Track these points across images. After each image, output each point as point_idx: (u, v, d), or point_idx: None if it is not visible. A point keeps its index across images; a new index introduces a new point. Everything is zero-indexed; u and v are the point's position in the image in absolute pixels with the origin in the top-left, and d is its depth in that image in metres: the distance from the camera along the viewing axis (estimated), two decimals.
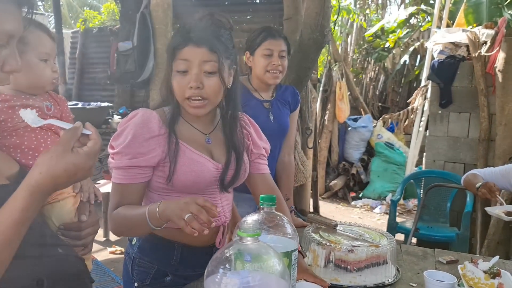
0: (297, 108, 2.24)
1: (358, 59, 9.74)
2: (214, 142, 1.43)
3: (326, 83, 6.73)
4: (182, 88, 1.29)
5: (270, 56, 2.02)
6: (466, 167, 4.15)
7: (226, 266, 0.79)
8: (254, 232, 0.80)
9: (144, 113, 1.31)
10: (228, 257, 0.80)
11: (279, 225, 1.14)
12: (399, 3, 10.24)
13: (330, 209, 6.06)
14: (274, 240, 1.10)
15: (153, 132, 1.29)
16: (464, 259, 1.66)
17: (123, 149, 1.25)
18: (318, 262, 1.52)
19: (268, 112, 2.08)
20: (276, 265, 0.81)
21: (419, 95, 5.82)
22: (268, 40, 2.02)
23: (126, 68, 3.84)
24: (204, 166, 1.35)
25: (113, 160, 1.27)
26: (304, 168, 4.46)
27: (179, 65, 1.29)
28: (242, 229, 0.80)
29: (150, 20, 3.68)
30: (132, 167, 1.26)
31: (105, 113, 5.69)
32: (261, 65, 2.03)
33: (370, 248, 1.50)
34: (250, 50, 2.08)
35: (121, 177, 1.27)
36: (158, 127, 1.30)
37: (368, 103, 8.72)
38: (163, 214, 1.12)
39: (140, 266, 1.42)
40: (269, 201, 1.13)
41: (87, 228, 1.16)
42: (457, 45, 4.32)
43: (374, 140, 6.82)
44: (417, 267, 1.65)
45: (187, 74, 1.29)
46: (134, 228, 1.26)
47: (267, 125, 2.02)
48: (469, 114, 4.18)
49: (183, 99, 1.32)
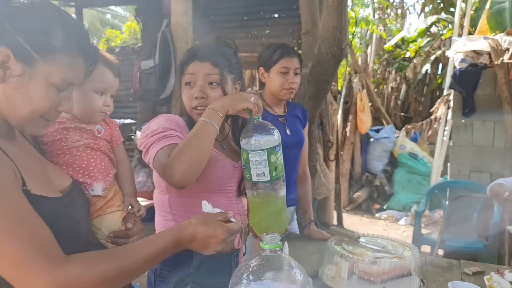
0: (306, 125, 2.27)
1: (379, 69, 9.69)
2: (228, 148, 1.52)
3: (347, 95, 6.71)
4: (189, 99, 1.42)
5: (286, 74, 2.03)
6: (492, 176, 4.07)
7: (250, 277, 0.81)
8: (276, 244, 0.82)
9: (167, 114, 1.45)
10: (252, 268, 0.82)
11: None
12: (418, 12, 10.18)
13: (354, 222, 6.00)
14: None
15: (179, 125, 1.40)
16: (490, 270, 1.63)
17: (158, 126, 1.35)
18: (342, 274, 1.52)
19: (284, 126, 2.10)
20: (297, 275, 0.82)
21: (442, 104, 5.75)
22: (285, 58, 2.04)
23: (148, 85, 3.93)
24: (224, 163, 1.44)
25: (149, 138, 1.33)
26: (327, 180, 4.44)
27: (186, 78, 1.43)
28: (264, 242, 0.83)
29: (171, 39, 3.77)
30: (169, 129, 1.35)
31: (128, 129, 5.80)
32: (277, 82, 2.04)
33: (394, 259, 1.49)
34: (265, 66, 2.09)
35: (163, 141, 1.32)
36: (182, 124, 1.42)
37: (390, 114, 8.65)
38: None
39: (162, 277, 1.44)
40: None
41: (133, 236, 1.24)
42: (478, 53, 4.28)
43: (397, 151, 6.75)
44: (442, 278, 1.63)
45: (193, 86, 1.42)
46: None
47: (286, 138, 2.04)
48: (494, 123, 4.11)
49: (190, 109, 1.43)
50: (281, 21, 5.91)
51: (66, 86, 0.93)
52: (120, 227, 1.22)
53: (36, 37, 0.87)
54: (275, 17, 5.97)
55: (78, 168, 1.17)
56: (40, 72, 0.88)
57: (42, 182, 0.97)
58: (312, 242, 2.04)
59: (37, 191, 0.91)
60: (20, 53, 0.86)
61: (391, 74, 9.54)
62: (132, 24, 8.74)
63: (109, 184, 1.23)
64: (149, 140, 1.32)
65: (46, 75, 0.89)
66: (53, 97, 0.92)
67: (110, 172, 1.25)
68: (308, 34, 2.98)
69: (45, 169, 1.03)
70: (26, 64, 0.87)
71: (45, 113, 0.93)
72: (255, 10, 5.96)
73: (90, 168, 1.19)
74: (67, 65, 0.91)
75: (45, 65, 0.88)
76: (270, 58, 2.06)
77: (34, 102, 0.89)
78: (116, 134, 1.34)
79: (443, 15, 8.39)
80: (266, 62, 2.08)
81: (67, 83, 0.93)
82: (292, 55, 2.05)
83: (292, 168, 2.13)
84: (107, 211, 1.21)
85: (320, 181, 4.38)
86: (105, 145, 1.27)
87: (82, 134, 1.22)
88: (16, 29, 0.85)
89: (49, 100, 0.91)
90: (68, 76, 0.92)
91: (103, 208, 1.20)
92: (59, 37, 0.89)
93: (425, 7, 9.59)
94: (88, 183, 1.18)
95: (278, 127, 2.02)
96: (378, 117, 7.61)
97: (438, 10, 8.80)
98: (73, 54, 0.92)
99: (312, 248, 1.96)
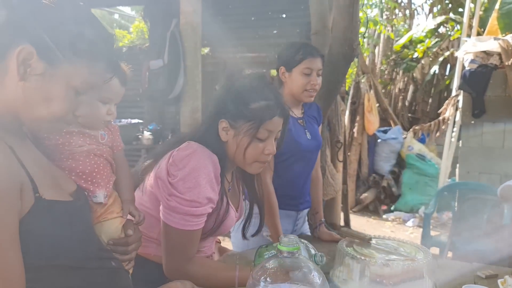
0: (321, 122, 2.23)
1: (386, 70, 9.64)
2: (232, 190, 1.52)
3: (354, 95, 6.69)
4: (258, 153, 1.41)
5: (309, 75, 1.94)
6: (502, 178, 4.03)
7: (267, 279, 0.80)
8: (294, 246, 0.81)
9: (210, 155, 1.34)
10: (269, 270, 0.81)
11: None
12: (427, 13, 10.12)
13: (361, 223, 5.97)
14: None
15: (214, 184, 1.33)
16: (504, 273, 1.61)
17: (198, 195, 1.28)
18: (353, 276, 1.50)
19: (304, 130, 2.05)
20: (316, 278, 0.81)
21: (450, 105, 5.71)
22: (309, 58, 1.94)
23: (157, 85, 3.93)
24: (231, 216, 1.44)
25: (182, 206, 1.28)
26: (334, 181, 4.42)
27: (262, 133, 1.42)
28: (282, 243, 0.82)
29: (180, 39, 3.77)
30: (204, 204, 1.30)
31: (136, 129, 5.82)
32: (299, 83, 1.95)
33: (406, 262, 1.47)
34: (287, 66, 1.98)
35: (194, 222, 1.30)
36: (217, 175, 1.35)
37: (398, 114, 8.61)
38: None
39: None
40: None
41: (132, 244, 1.21)
42: (488, 54, 4.24)
43: (405, 152, 6.71)
44: (454, 281, 1.61)
45: (264, 142, 1.41)
46: None
47: (307, 143, 2.02)
48: (504, 124, 4.08)
49: (254, 161, 1.42)
50: (289, 22, 5.89)
51: (86, 90, 0.92)
52: (119, 234, 1.20)
53: (62, 37, 0.85)
54: (283, 17, 5.95)
55: (81, 174, 1.15)
56: (62, 73, 0.86)
57: (53, 186, 0.95)
58: (322, 243, 2.03)
59: (50, 196, 0.89)
60: (44, 51, 0.84)
61: (399, 75, 9.49)
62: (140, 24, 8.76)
63: (110, 191, 1.22)
64: (177, 201, 1.28)
65: (68, 76, 0.87)
66: (72, 100, 0.90)
67: (111, 179, 1.23)
68: (317, 34, 2.97)
69: (54, 172, 1.01)
70: (48, 63, 0.85)
71: (62, 116, 0.91)
72: (262, 10, 5.94)
73: (93, 174, 1.17)
74: (90, 68, 0.90)
75: (67, 66, 0.86)
76: (293, 58, 1.95)
77: (53, 104, 0.87)
78: (117, 139, 1.31)
79: (451, 16, 8.33)
80: (288, 62, 1.97)
81: (87, 87, 0.91)
82: (316, 56, 1.96)
83: (310, 171, 2.12)
84: (107, 217, 1.19)
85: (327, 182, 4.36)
86: (107, 152, 1.25)
87: (86, 139, 1.19)
88: (43, 26, 0.83)
89: (68, 103, 0.89)
90: (89, 80, 0.90)
91: (103, 215, 1.18)
92: (85, 39, 0.87)
93: (434, 7, 9.53)
94: (91, 190, 1.15)
95: (298, 130, 2.01)
96: (386, 118, 7.57)
97: (447, 11, 8.75)
98: (97, 58, 0.91)
99: (322, 249, 1.93)
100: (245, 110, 1.35)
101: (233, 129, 1.37)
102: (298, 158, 2.00)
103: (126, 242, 1.18)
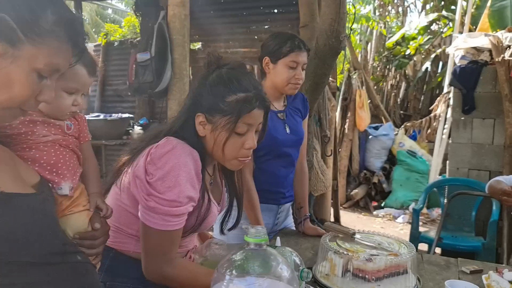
0: (307, 115, 2.17)
1: (379, 66, 9.64)
2: (214, 182, 1.47)
3: (346, 91, 6.67)
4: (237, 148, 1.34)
5: (295, 69, 1.91)
6: (491, 174, 4.03)
7: (233, 272, 0.77)
8: (262, 238, 0.77)
9: (191, 151, 1.27)
10: (235, 263, 0.77)
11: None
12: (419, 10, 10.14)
13: (351, 219, 5.97)
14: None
15: (196, 182, 1.26)
16: (489, 268, 1.59)
17: (178, 195, 1.22)
18: (336, 272, 1.48)
19: (284, 124, 2.00)
20: (284, 271, 0.78)
21: (441, 102, 5.72)
22: (296, 51, 1.90)
23: (144, 78, 3.88)
24: (213, 212, 1.39)
25: (161, 206, 1.21)
26: (324, 177, 4.40)
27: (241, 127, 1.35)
28: (249, 235, 0.78)
29: (167, 31, 3.72)
30: (184, 204, 1.23)
31: (126, 124, 5.76)
32: (284, 76, 1.91)
33: (389, 257, 1.45)
34: (272, 57, 1.93)
35: (174, 222, 1.23)
36: (198, 172, 1.28)
37: (389, 111, 8.62)
38: None
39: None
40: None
41: (100, 237, 1.16)
42: (479, 50, 4.23)
43: (396, 148, 6.72)
44: (439, 277, 1.59)
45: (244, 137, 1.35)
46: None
47: (285, 137, 1.98)
48: (494, 120, 4.07)
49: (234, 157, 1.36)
50: (281, 17, 5.86)
51: (49, 73, 0.86)
52: (86, 228, 1.15)
53: (24, 16, 0.79)
54: (274, 12, 5.91)
55: (45, 165, 1.10)
56: (24, 54, 0.80)
57: (14, 177, 0.90)
58: (307, 238, 2.01)
59: (10, 189, 0.84)
60: (5, 31, 0.78)
61: (391, 72, 9.49)
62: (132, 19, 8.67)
63: (76, 183, 1.17)
64: (156, 201, 1.20)
65: (30, 58, 0.81)
66: (35, 84, 0.84)
67: (77, 170, 1.18)
68: (306, 27, 2.95)
69: (15, 163, 0.96)
70: (9, 44, 0.79)
71: (24, 101, 0.85)
72: (254, 5, 5.91)
73: (58, 165, 1.12)
74: (54, 50, 0.84)
75: (30, 48, 0.81)
76: (279, 50, 1.91)
77: (14, 88, 0.81)
78: (84, 130, 1.26)
79: (444, 13, 8.34)
80: (274, 53, 1.92)
81: (51, 69, 0.85)
82: (303, 49, 1.92)
83: (291, 166, 2.08)
84: (73, 210, 1.14)
85: (317, 178, 4.35)
86: (74, 142, 1.20)
87: (51, 129, 1.14)
88: (2, 5, 0.78)
89: (30, 86, 0.83)
90: (53, 61, 0.84)
91: (69, 208, 1.13)
92: (49, 18, 0.82)
93: (426, 4, 9.54)
94: (56, 181, 1.10)
95: (276, 124, 1.97)
96: (377, 115, 7.57)
97: (439, 8, 8.76)
98: (62, 39, 0.85)
99: (306, 244, 1.92)
100: (221, 103, 1.26)
101: (210, 123, 1.29)
102: (277, 154, 1.97)
103: (93, 235, 1.14)
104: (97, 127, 5.30)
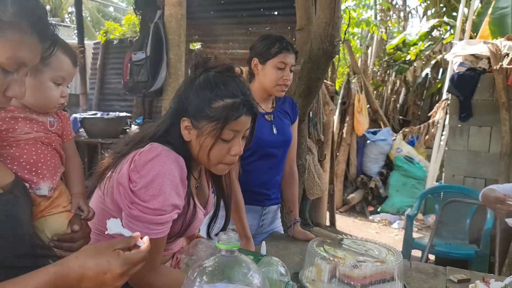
0: (296, 120, 2.16)
1: (379, 71, 9.63)
2: (200, 186, 1.45)
3: (345, 96, 6.65)
4: (223, 155, 1.31)
5: (283, 70, 1.92)
6: (487, 182, 4.02)
7: (204, 278, 0.75)
8: (233, 244, 0.76)
9: (176, 158, 1.23)
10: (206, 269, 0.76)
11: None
12: (421, 16, 10.12)
13: (347, 223, 5.95)
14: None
15: (180, 189, 1.22)
16: (477, 278, 1.58)
17: (162, 203, 1.18)
18: (322, 277, 1.46)
19: (271, 125, 2.00)
20: (255, 279, 0.76)
21: (440, 108, 5.71)
22: (284, 53, 1.92)
23: (139, 78, 3.87)
24: (199, 217, 1.36)
25: (145, 214, 1.17)
26: (321, 181, 4.39)
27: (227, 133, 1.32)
28: (220, 241, 0.76)
29: (163, 31, 3.71)
30: (168, 212, 1.19)
31: (123, 123, 5.75)
32: (272, 77, 1.92)
33: (376, 264, 1.44)
34: (261, 58, 1.95)
35: (158, 230, 1.19)
36: (183, 179, 1.24)
37: (388, 116, 8.60)
38: None
39: None
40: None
41: (79, 240, 1.13)
42: (478, 57, 4.22)
43: (394, 154, 6.70)
44: (426, 285, 1.58)
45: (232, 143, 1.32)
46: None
47: (271, 138, 1.97)
48: (490, 128, 4.06)
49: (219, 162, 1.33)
50: (281, 19, 5.87)
51: (15, 67, 0.82)
52: (65, 230, 1.12)
53: None
54: (274, 15, 5.93)
55: (24, 164, 1.07)
56: None
57: None
58: (296, 242, 1.99)
59: None
60: None
61: (391, 77, 9.47)
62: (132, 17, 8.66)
63: (56, 184, 1.14)
64: (140, 209, 1.16)
65: None
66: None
67: (58, 170, 1.16)
68: (302, 30, 2.94)
69: None
70: None
71: None
72: (254, 7, 5.92)
73: (38, 164, 1.09)
74: (17, 42, 0.80)
75: None
76: (268, 51, 1.92)
77: None
78: (68, 128, 1.23)
79: (445, 19, 8.33)
80: (262, 54, 1.94)
81: (16, 63, 0.82)
82: (291, 51, 1.94)
83: (277, 168, 2.07)
84: (52, 211, 1.11)
85: (314, 181, 4.33)
86: (56, 140, 1.17)
87: (33, 125, 1.11)
88: None
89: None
90: (17, 54, 0.81)
91: (47, 209, 1.10)
92: (8, 9, 0.78)
93: (428, 10, 9.53)
94: (34, 181, 1.07)
95: (263, 125, 1.96)
96: (376, 120, 7.55)
97: (441, 14, 8.75)
98: (25, 31, 0.81)
99: (295, 249, 1.91)
100: (207, 109, 1.22)
101: (196, 129, 1.24)
102: (263, 154, 1.97)
103: (71, 238, 1.11)
104: (94, 125, 5.30)
